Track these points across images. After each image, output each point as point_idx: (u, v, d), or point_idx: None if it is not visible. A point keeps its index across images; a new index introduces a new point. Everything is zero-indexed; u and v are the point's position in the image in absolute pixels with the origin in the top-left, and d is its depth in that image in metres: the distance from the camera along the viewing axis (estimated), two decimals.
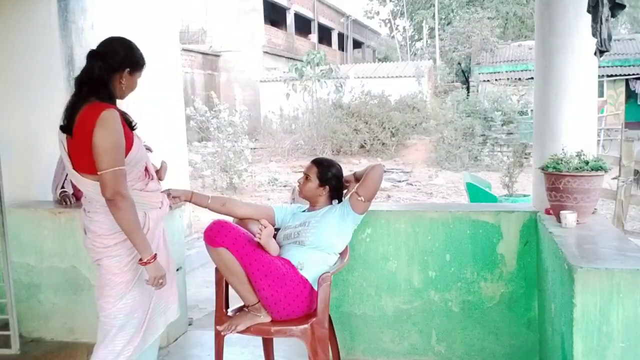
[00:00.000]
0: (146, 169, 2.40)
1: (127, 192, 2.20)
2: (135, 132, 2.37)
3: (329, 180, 2.86)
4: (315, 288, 2.63)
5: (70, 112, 2.26)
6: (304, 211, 2.92)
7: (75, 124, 2.23)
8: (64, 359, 3.40)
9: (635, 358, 1.95)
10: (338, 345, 2.97)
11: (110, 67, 2.30)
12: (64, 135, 2.29)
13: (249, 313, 2.59)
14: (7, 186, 3.45)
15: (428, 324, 3.19)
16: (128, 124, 2.34)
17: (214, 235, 2.49)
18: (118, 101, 2.38)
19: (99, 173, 2.18)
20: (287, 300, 2.56)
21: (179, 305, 2.62)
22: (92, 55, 2.32)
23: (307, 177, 2.86)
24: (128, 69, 2.34)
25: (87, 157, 2.22)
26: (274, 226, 2.90)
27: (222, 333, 2.60)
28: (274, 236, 2.75)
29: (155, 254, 2.28)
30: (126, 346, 2.32)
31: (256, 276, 2.52)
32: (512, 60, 24.52)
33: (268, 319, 2.59)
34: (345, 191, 2.93)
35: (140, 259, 2.25)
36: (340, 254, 2.83)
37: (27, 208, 3.68)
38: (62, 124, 2.30)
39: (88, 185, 2.28)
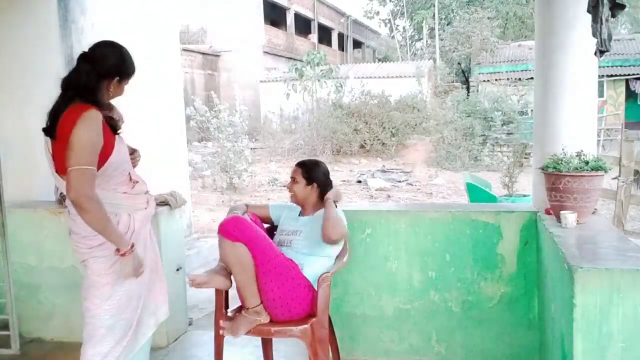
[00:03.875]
0: (129, 175, 2.36)
1: (93, 192, 2.11)
2: (120, 135, 2.34)
3: (316, 178, 2.86)
4: (316, 288, 2.63)
5: (54, 114, 2.24)
6: (299, 214, 2.92)
7: (58, 126, 2.21)
8: (64, 359, 3.40)
9: (635, 358, 1.95)
10: (338, 346, 2.97)
11: (99, 74, 2.27)
12: (49, 138, 2.28)
13: (249, 316, 2.58)
14: (7, 186, 3.45)
15: (428, 324, 3.19)
16: (112, 128, 2.29)
17: (232, 230, 2.49)
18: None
19: (67, 170, 2.10)
20: (294, 302, 2.57)
21: (173, 305, 2.60)
22: (82, 59, 2.29)
23: (294, 179, 2.87)
24: (117, 78, 2.31)
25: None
26: (272, 224, 2.95)
27: (222, 333, 2.60)
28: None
29: (133, 244, 2.25)
30: (114, 347, 2.31)
31: (268, 276, 2.53)
32: (512, 60, 24.53)
33: (267, 319, 2.59)
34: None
35: (118, 250, 2.21)
36: (339, 254, 2.83)
37: (27, 208, 3.68)
38: (44, 126, 2.27)
39: None
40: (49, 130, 2.26)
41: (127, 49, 2.40)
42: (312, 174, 2.86)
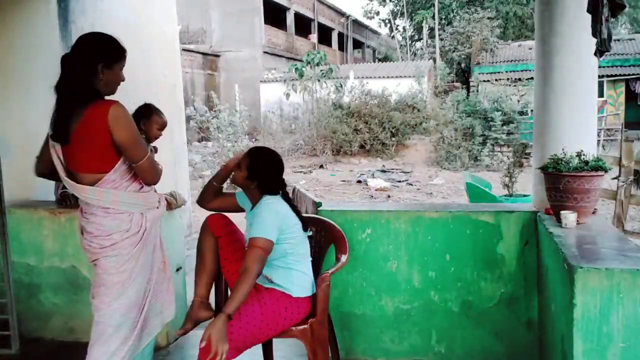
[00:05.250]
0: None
1: (161, 171, 2.40)
2: None
3: (258, 173, 2.57)
4: (293, 294, 2.54)
5: (64, 120, 2.22)
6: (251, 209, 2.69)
7: (76, 127, 2.21)
8: (64, 359, 3.40)
9: (635, 358, 1.95)
10: (338, 346, 2.97)
11: (84, 68, 2.25)
12: (58, 144, 2.28)
13: (191, 312, 2.60)
14: (7, 186, 3.44)
15: (428, 324, 3.19)
16: None
17: (218, 223, 2.67)
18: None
19: (134, 165, 2.28)
20: (270, 317, 2.50)
21: (175, 305, 2.62)
22: (63, 61, 2.28)
23: (239, 165, 2.63)
24: (102, 64, 2.27)
25: (91, 154, 2.24)
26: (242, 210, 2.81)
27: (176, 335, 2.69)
28: None
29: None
30: (120, 346, 2.32)
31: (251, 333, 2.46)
32: (512, 60, 24.56)
33: (208, 315, 2.60)
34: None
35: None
36: (340, 249, 2.81)
37: (27, 208, 3.68)
38: (52, 133, 2.27)
39: (83, 191, 2.28)
40: (59, 136, 2.25)
41: (107, 33, 2.36)
42: (256, 168, 2.57)
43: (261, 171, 2.58)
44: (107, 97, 2.31)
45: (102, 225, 2.29)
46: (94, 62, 2.26)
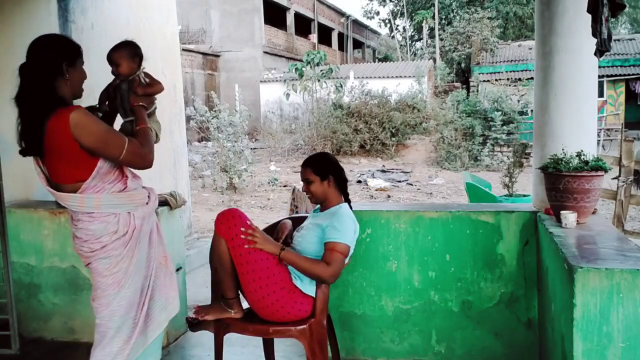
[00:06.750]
0: (122, 170, 2.34)
1: (151, 150, 2.31)
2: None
3: (329, 170, 2.72)
4: (306, 292, 2.58)
5: (35, 132, 2.17)
6: (317, 211, 2.86)
7: (45, 139, 2.16)
8: (64, 359, 3.40)
9: (635, 358, 1.95)
10: (338, 345, 2.97)
11: (48, 71, 2.20)
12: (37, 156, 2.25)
13: (221, 306, 2.62)
14: (7, 186, 3.45)
15: (428, 324, 3.19)
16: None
17: (220, 223, 2.55)
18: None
19: (118, 161, 2.23)
20: (279, 305, 2.54)
21: (179, 300, 2.61)
22: (22, 71, 2.22)
23: (307, 180, 2.72)
24: (65, 62, 2.23)
25: (64, 165, 2.21)
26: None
27: (190, 318, 2.69)
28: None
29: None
30: (123, 346, 2.31)
31: (247, 278, 2.53)
32: (512, 60, 24.59)
33: (239, 315, 2.60)
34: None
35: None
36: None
37: (27, 208, 3.68)
38: (23, 147, 2.23)
39: (66, 199, 2.26)
40: (33, 151, 2.22)
41: (56, 33, 2.33)
42: (324, 167, 2.71)
43: (328, 166, 2.73)
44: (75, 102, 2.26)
45: (89, 230, 2.27)
46: (57, 62, 2.22)
